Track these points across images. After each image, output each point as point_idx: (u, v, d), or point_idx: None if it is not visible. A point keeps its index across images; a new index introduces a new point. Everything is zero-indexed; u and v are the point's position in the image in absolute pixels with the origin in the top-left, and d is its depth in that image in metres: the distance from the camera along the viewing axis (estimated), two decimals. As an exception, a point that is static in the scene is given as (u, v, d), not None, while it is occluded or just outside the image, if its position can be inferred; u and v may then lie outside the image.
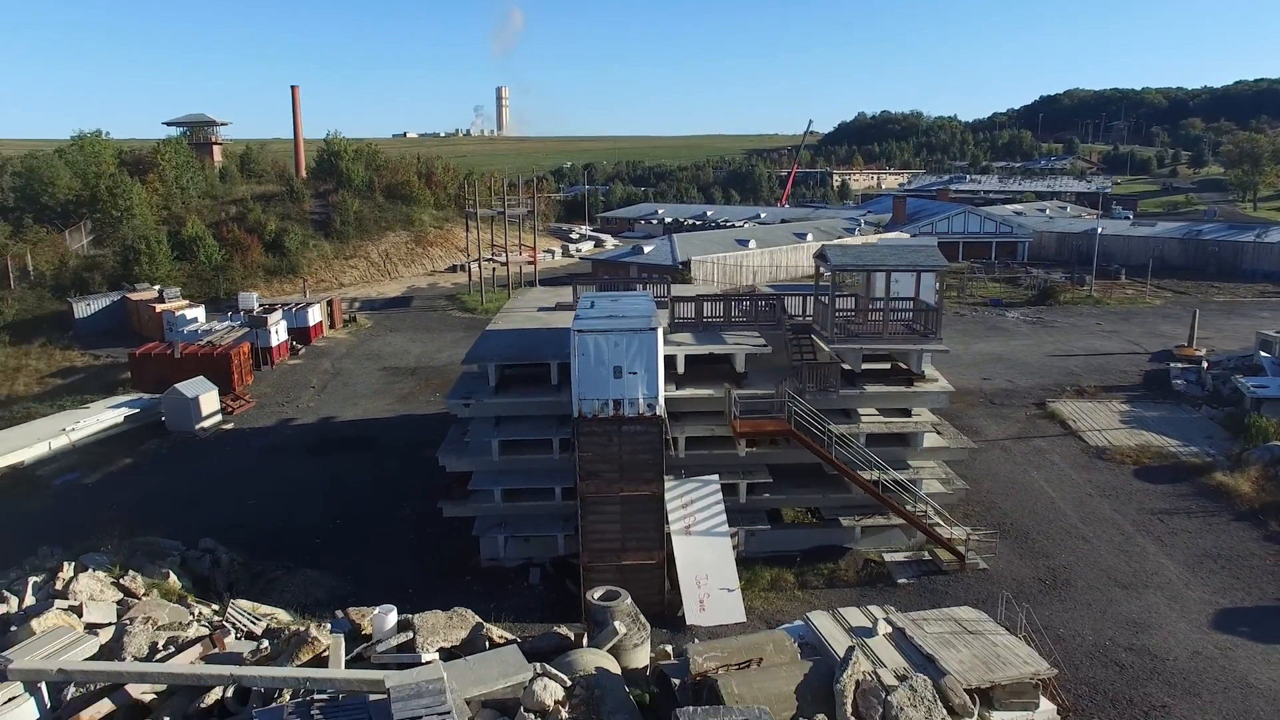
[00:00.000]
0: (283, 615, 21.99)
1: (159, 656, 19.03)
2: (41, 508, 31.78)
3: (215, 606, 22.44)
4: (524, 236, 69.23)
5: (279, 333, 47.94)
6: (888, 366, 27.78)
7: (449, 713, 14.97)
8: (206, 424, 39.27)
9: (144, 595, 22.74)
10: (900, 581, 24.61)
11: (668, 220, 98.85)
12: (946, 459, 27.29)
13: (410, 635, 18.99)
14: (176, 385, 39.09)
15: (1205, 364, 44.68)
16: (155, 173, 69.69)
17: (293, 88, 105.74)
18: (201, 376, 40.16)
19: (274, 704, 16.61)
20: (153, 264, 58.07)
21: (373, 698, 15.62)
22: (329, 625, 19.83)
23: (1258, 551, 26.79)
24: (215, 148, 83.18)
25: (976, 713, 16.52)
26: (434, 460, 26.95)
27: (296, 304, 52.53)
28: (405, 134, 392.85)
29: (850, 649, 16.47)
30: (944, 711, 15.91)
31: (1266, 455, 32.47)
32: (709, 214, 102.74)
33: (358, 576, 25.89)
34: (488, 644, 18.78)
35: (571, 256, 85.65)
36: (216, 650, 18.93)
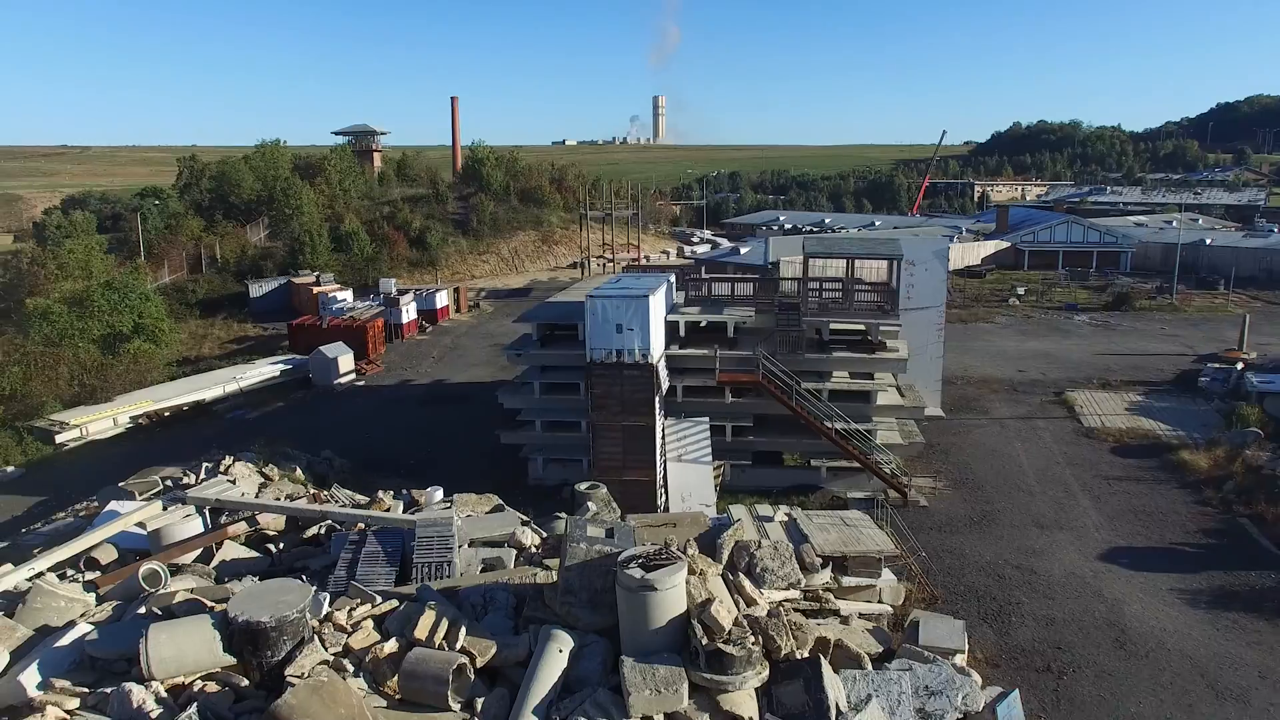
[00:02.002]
0: (386, 500, 30.47)
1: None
2: (216, 432, 41.82)
3: (325, 492, 31.19)
4: (632, 237, 77.23)
5: (409, 312, 57.73)
6: (863, 337, 33.87)
7: (451, 535, 22.69)
8: (343, 380, 49.00)
9: (276, 479, 31.82)
10: (881, 518, 30.75)
11: (787, 226, 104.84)
12: (905, 416, 33.10)
13: (449, 505, 27.00)
14: (320, 348, 49.02)
15: (1241, 365, 47.58)
16: (322, 176, 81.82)
17: (452, 99, 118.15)
18: (341, 343, 49.96)
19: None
20: (314, 254, 69.37)
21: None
22: (399, 500, 28.30)
23: (1181, 511, 31.09)
24: (375, 155, 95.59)
25: (828, 573, 22.88)
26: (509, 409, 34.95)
27: (427, 290, 62.40)
28: (564, 141, 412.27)
29: (738, 518, 23.17)
30: (797, 566, 22.35)
31: (1237, 439, 36.28)
32: (826, 221, 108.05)
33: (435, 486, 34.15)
34: (501, 514, 26.52)
35: (686, 258, 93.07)
36: (316, 505, 27.55)
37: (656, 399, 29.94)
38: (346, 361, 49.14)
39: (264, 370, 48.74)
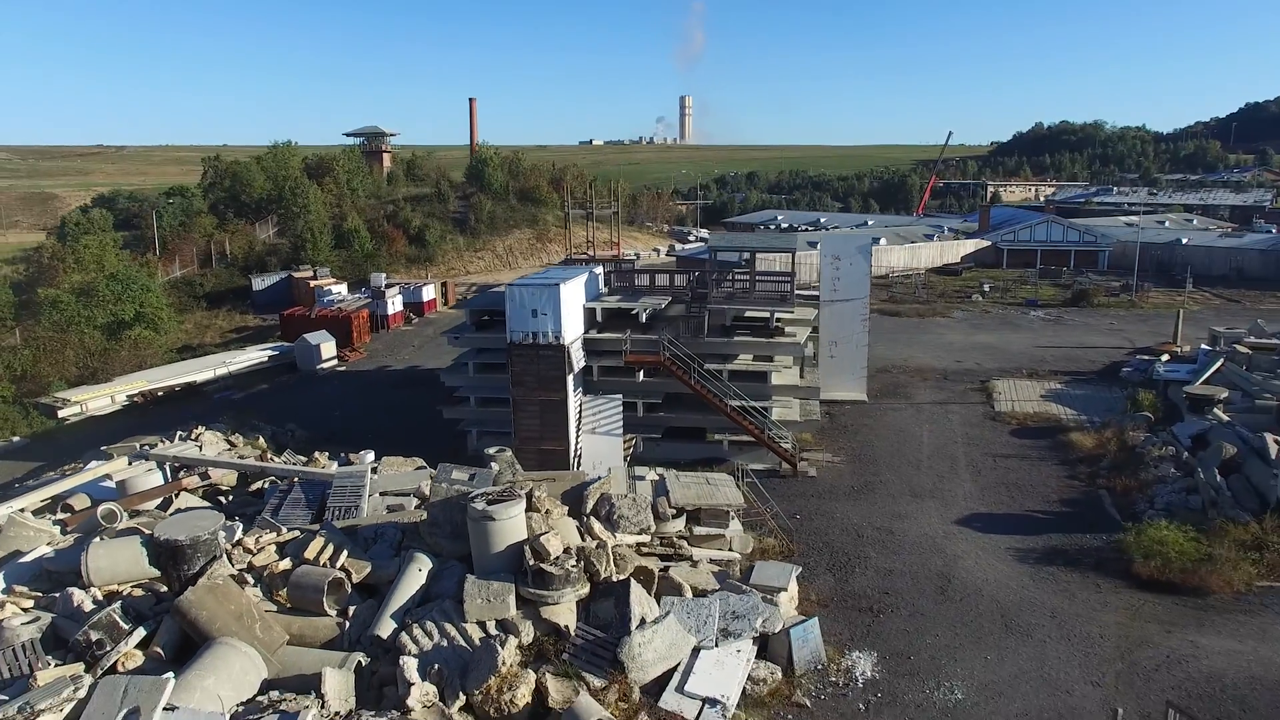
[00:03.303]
0: (322, 460, 34.73)
1: (227, 462, 32.25)
2: (203, 410, 46.28)
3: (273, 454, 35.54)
4: (618, 234, 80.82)
5: (395, 304, 62.19)
6: (773, 323, 37.49)
7: (363, 486, 26.84)
8: (325, 365, 53.47)
9: (240, 445, 36.22)
10: (746, 481, 34.37)
11: (784, 226, 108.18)
12: (801, 396, 36.72)
13: (377, 465, 31.16)
14: (305, 335, 53.55)
15: (1167, 356, 50.34)
16: (331, 176, 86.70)
17: (470, 100, 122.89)
18: (325, 331, 54.43)
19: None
20: (316, 250, 74.14)
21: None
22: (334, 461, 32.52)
23: (1050, 484, 34.21)
24: (385, 155, 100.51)
25: (681, 522, 26.66)
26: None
27: (415, 284, 66.83)
28: (591, 141, 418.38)
29: (607, 472, 27.02)
30: (651, 515, 26.15)
31: (1126, 421, 39.44)
32: (822, 220, 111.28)
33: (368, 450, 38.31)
34: (413, 469, 30.63)
35: (670, 254, 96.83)
36: (262, 462, 31.89)
37: (570, 377, 33.85)
38: (329, 348, 53.58)
39: (252, 356, 53.34)
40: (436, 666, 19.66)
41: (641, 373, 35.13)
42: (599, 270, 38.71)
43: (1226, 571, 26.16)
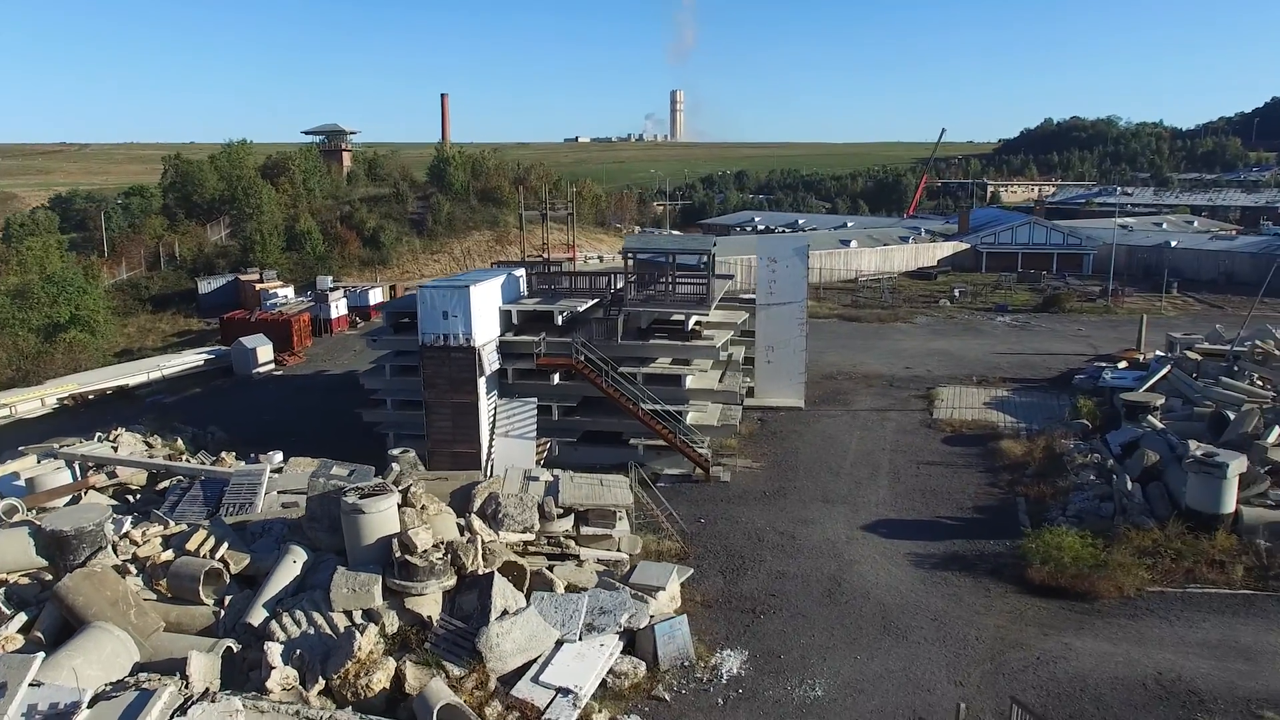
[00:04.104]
0: (229, 460, 36.74)
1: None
2: (134, 413, 48.28)
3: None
4: (572, 236, 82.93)
5: (339, 308, 64.27)
6: (694, 326, 39.43)
7: (259, 484, 28.86)
8: (261, 369, 55.51)
9: (158, 447, 38.24)
10: (659, 485, 36.34)
11: (760, 227, 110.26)
12: (720, 401, 38.64)
13: (283, 465, 33.15)
14: (240, 339, 55.63)
15: (1125, 364, 52.20)
16: (286, 177, 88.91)
17: (442, 96, 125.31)
18: (261, 335, 56.50)
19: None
20: (264, 252, 76.27)
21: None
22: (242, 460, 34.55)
23: (969, 491, 35.89)
24: (345, 154, 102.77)
25: (568, 522, 28.56)
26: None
27: (363, 287, 68.95)
28: (577, 138, 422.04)
29: (498, 475, 28.94)
30: (536, 514, 28.06)
31: (1058, 428, 41.33)
32: (800, 222, 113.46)
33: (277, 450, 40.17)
34: (310, 467, 32.62)
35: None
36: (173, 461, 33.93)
37: (482, 379, 35.82)
38: (265, 352, 55.63)
39: (188, 359, 55.41)
40: (299, 652, 21.69)
41: (557, 376, 37.07)
42: (519, 273, 40.66)
43: (1117, 577, 27.84)
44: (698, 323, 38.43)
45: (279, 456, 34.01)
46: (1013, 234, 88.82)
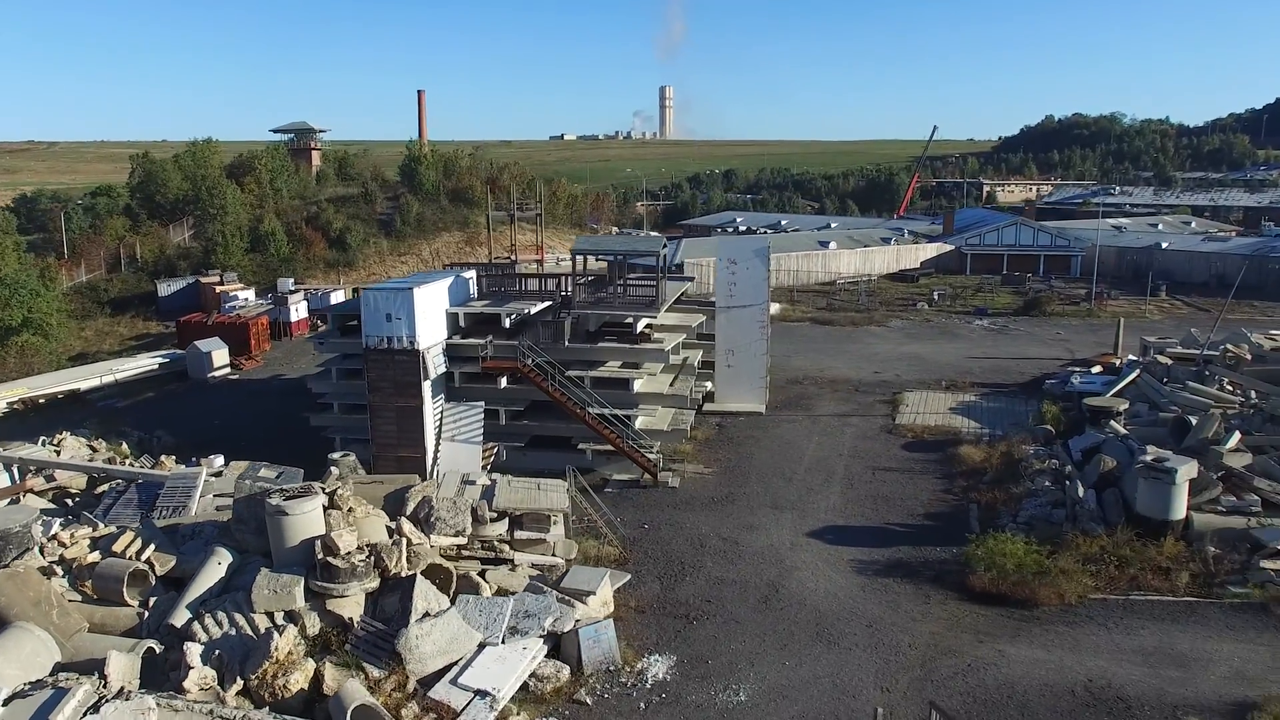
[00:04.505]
0: (169, 464, 37.62)
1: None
2: (85, 418, 49.13)
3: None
4: (540, 237, 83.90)
5: (299, 311, 65.17)
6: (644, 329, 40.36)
7: (194, 488, 29.77)
8: (217, 373, 56.42)
9: (102, 451, 39.12)
10: (607, 491, 37.25)
11: (743, 229, 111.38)
12: (670, 405, 39.56)
13: (224, 469, 34.07)
14: (195, 342, 56.54)
15: (1099, 369, 53.19)
16: (252, 176, 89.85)
17: (419, 92, 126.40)
18: (217, 338, 57.38)
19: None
20: (227, 254, 77.17)
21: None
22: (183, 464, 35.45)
23: (922, 497, 36.65)
24: (314, 153, 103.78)
25: (502, 526, 29.42)
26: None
27: (325, 289, 69.86)
28: (562, 136, 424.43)
29: (427, 484, 29.83)
30: (469, 518, 28.94)
31: (1019, 433, 42.26)
32: (783, 223, 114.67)
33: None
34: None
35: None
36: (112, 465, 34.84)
37: (426, 383, 36.73)
38: (221, 356, 56.54)
39: (142, 363, 56.33)
40: (218, 653, 22.62)
41: (504, 380, 37.97)
42: (469, 275, 41.59)
43: (1059, 584, 28.55)
44: (648, 325, 39.31)
45: (220, 460, 34.94)
46: (998, 235, 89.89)
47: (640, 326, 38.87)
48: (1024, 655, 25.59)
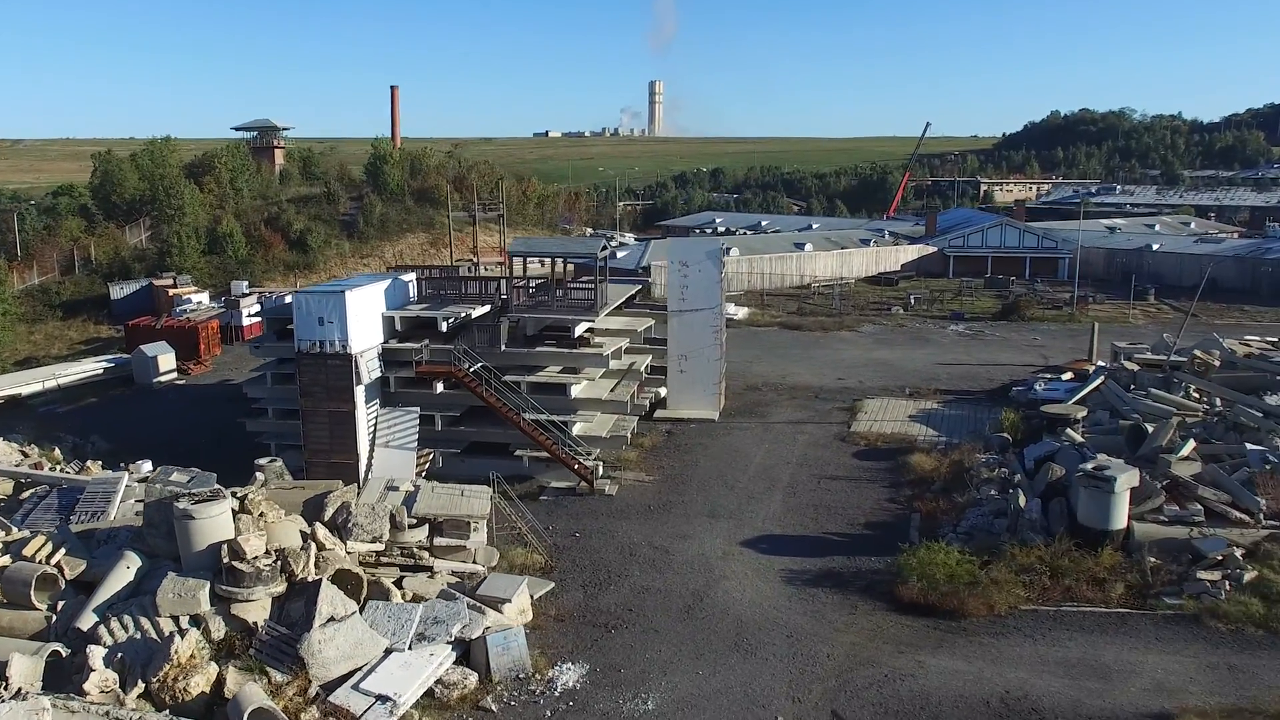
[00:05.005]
0: (95, 469, 38.76)
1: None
2: (23, 423, 50.30)
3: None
4: (503, 239, 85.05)
5: (251, 315, 66.33)
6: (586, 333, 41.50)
7: (115, 492, 30.88)
8: (163, 378, 57.57)
9: (34, 456, 40.29)
10: (542, 498, 38.37)
11: (721, 229, 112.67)
12: (609, 411, 40.70)
13: (150, 474, 35.21)
14: (141, 347, 57.71)
15: (1070, 375, 54.28)
16: (212, 175, 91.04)
17: (392, 88, 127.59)
18: (163, 342, 58.53)
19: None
20: (182, 256, 78.33)
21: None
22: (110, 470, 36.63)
23: (865, 506, 37.62)
24: (277, 151, 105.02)
25: (421, 533, 30.52)
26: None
27: (280, 292, 70.95)
28: (547, 133, 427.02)
29: (347, 489, 30.97)
30: (388, 524, 30.03)
31: (974, 440, 43.36)
32: (764, 223, 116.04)
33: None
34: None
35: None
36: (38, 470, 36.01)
37: (359, 388, 37.87)
38: (167, 361, 57.71)
39: (86, 368, 57.50)
40: (121, 656, 23.80)
41: (440, 385, 39.10)
42: (409, 277, 42.76)
43: (989, 595, 29.46)
44: (589, 329, 40.44)
45: (147, 466, 36.05)
46: (983, 236, 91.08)
47: (579, 331, 39.95)
48: (944, 666, 26.48)
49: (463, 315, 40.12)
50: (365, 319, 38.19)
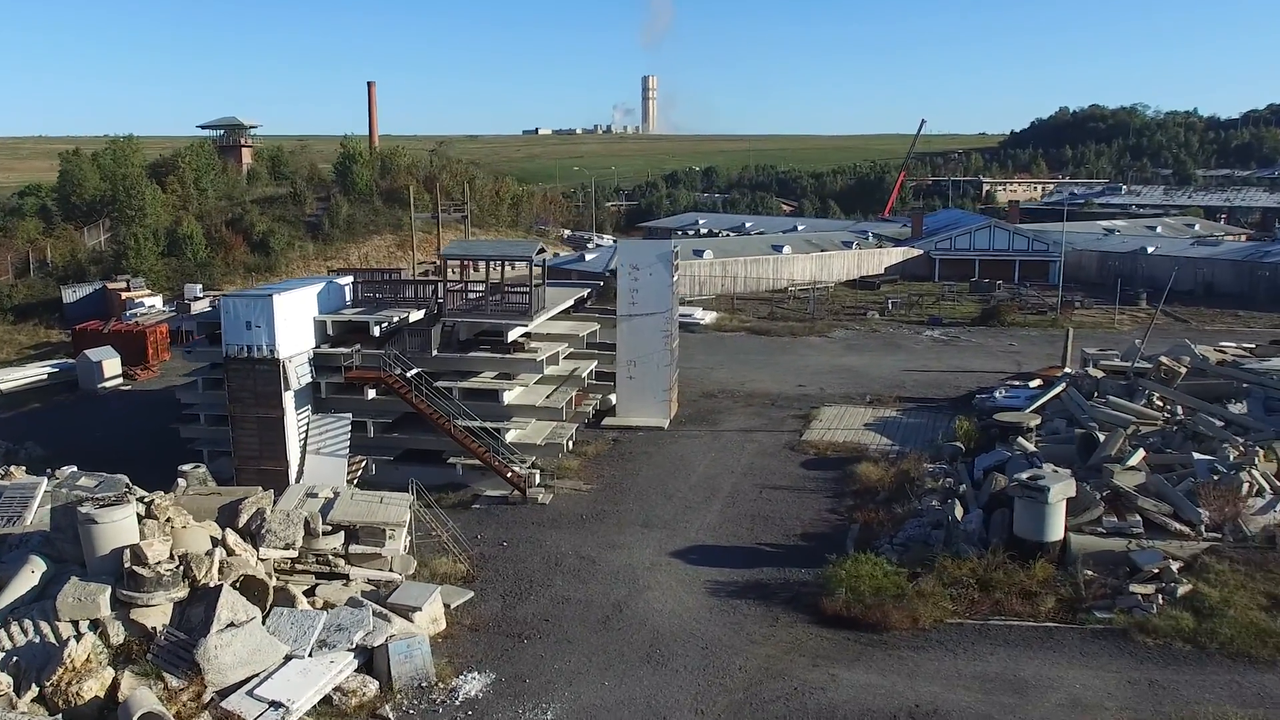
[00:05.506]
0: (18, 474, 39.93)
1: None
2: (-42, 429, 51.68)
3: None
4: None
5: (204, 318, 67.63)
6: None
7: (33, 496, 32.05)
8: (108, 384, 58.86)
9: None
10: (475, 507, 39.53)
11: (704, 230, 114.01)
12: (544, 418, 41.87)
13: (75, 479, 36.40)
14: (85, 351, 59.01)
15: (1039, 382, 55.29)
16: (175, 175, 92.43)
17: (369, 84, 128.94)
18: (108, 346, 59.83)
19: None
20: (139, 258, 79.68)
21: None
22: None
23: (804, 517, 38.51)
24: (244, 150, 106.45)
25: (337, 540, 31.69)
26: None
27: (237, 295, 72.38)
28: (536, 130, 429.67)
29: (263, 495, 32.16)
30: (302, 530, 31.20)
31: (926, 449, 44.47)
32: (747, 225, 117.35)
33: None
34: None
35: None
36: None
37: (288, 393, 39.06)
38: (112, 366, 59.02)
39: (29, 373, 58.85)
40: (16, 659, 25.01)
41: (373, 391, 40.29)
42: (345, 281, 43.97)
43: (914, 608, 30.21)
44: (525, 334, 41.60)
45: (72, 469, 37.14)
46: (970, 239, 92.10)
47: (513, 336, 41.11)
48: (856, 680, 27.24)
49: (396, 320, 41.24)
50: (295, 323, 39.35)
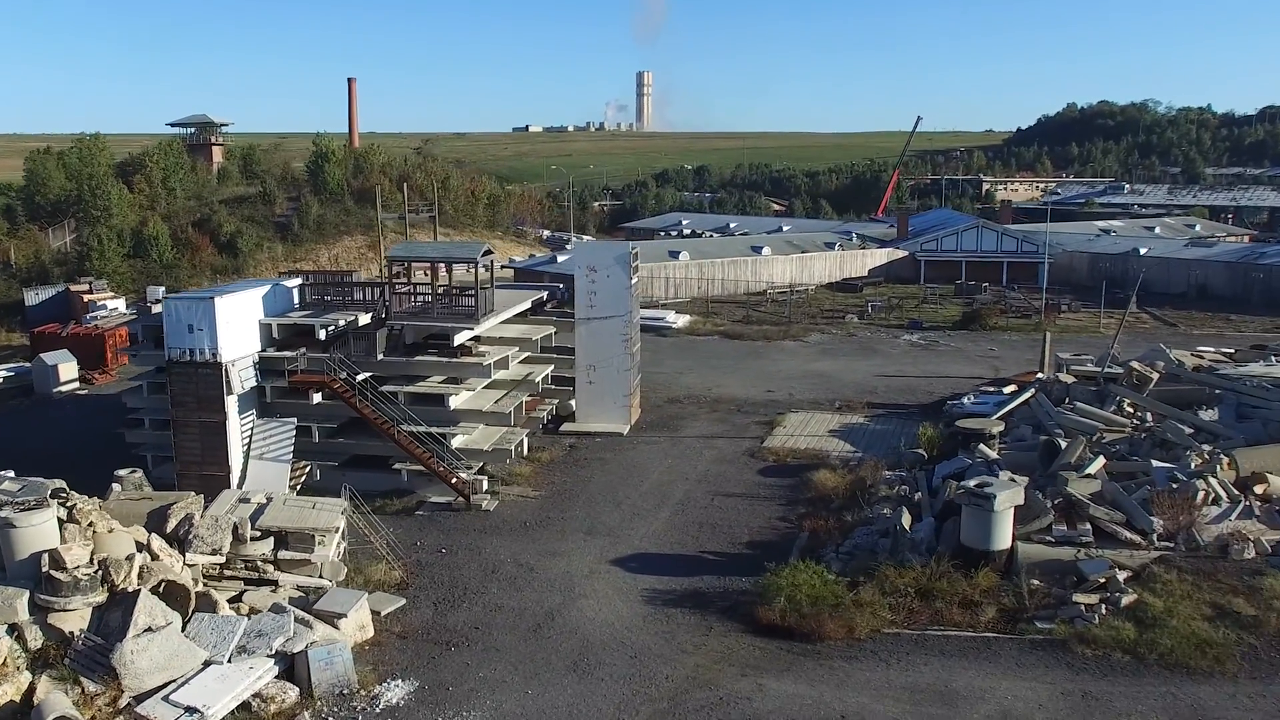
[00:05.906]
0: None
1: None
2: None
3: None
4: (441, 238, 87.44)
5: (166, 321, 68.62)
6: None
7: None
8: (65, 388, 59.86)
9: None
10: (419, 513, 40.45)
11: (687, 232, 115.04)
12: (491, 423, 42.79)
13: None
14: (41, 355, 60.02)
15: (1013, 387, 56.10)
16: (142, 174, 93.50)
17: (349, 80, 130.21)
18: (65, 350, 60.78)
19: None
20: (103, 260, 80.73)
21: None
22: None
23: (753, 525, 39.23)
24: (215, 148, 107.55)
25: (266, 545, 32.60)
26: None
27: (200, 297, 73.41)
28: (527, 128, 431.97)
29: (193, 500, 33.10)
30: (230, 536, 32.12)
31: (885, 455, 45.30)
32: (732, 225, 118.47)
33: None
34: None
35: (507, 266, 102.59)
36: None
37: (231, 398, 40.01)
38: (69, 369, 60.02)
39: (-17, 377, 59.86)
40: (-73, 665, 25.92)
41: (318, 395, 41.21)
42: (293, 283, 44.93)
43: (850, 618, 30.86)
44: (475, 338, 42.53)
45: (10, 474, 38.10)
46: (957, 239, 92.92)
47: (459, 339, 42.04)
48: (784, 690, 27.96)
49: (343, 323, 42.16)
50: (238, 326, 40.26)
